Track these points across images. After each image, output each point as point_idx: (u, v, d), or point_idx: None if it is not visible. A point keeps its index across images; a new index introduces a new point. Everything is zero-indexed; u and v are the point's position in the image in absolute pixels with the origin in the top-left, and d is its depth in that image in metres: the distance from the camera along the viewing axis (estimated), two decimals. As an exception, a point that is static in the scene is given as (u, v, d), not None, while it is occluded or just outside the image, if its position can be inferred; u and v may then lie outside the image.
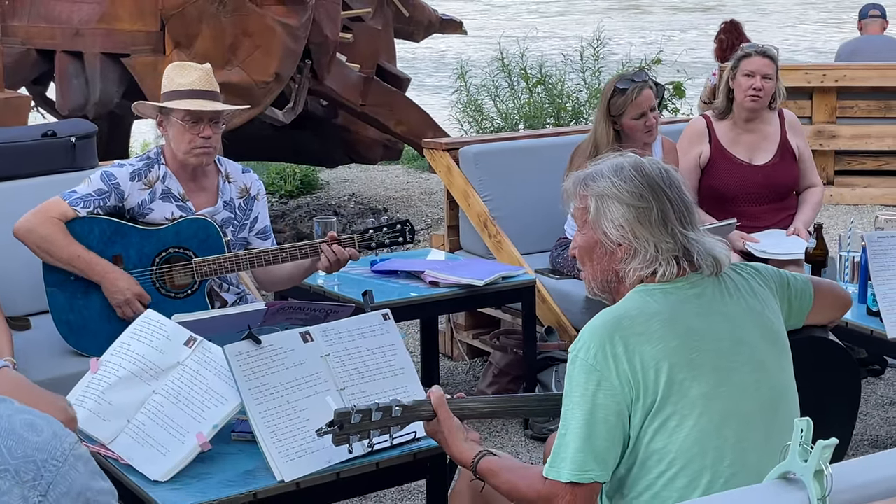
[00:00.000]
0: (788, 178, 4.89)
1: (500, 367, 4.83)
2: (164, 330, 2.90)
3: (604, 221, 2.35)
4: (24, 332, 3.99)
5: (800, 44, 20.50)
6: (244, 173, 3.91)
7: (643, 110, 4.55)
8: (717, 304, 2.35)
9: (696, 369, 2.25)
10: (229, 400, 2.73)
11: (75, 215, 3.68)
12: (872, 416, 4.61)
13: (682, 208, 2.36)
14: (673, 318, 2.29)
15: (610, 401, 2.24)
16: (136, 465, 2.69)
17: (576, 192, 2.42)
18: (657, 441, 2.25)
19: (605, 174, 2.38)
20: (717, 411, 2.26)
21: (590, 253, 2.41)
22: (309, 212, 8.06)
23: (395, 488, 3.90)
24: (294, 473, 2.64)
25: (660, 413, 2.24)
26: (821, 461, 1.70)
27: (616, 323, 2.27)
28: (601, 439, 2.24)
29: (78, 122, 4.70)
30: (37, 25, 6.48)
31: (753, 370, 2.33)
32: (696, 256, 2.34)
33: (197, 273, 3.71)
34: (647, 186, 2.34)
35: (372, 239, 3.76)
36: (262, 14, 6.14)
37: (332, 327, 2.92)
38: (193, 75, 3.70)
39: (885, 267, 3.73)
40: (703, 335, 2.30)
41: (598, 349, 2.25)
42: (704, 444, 2.24)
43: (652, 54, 10.18)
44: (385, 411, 2.51)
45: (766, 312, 2.42)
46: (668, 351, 2.24)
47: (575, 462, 2.24)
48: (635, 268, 2.34)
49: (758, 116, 4.87)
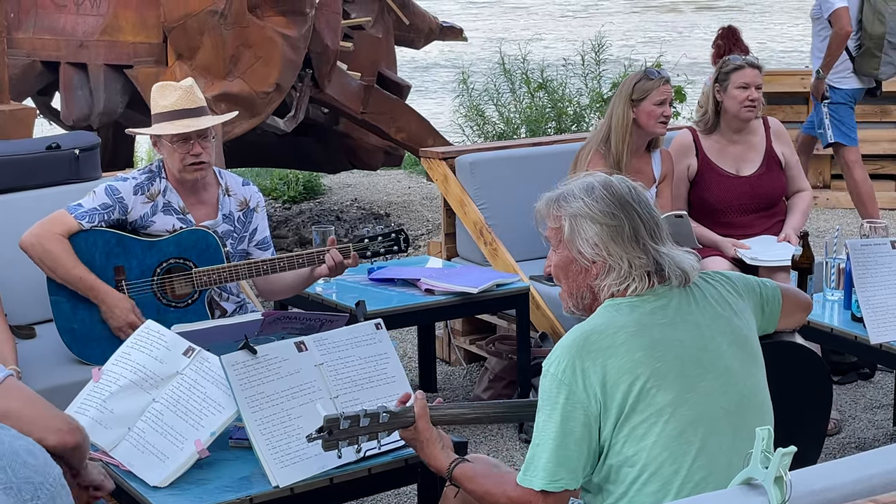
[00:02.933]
0: (775, 187, 4.95)
1: (495, 372, 4.92)
2: (163, 340, 2.97)
3: (578, 241, 2.43)
4: (29, 340, 4.07)
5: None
6: (244, 186, 3.99)
7: (664, 98, 4.70)
8: (682, 313, 2.43)
9: (661, 378, 2.33)
10: (226, 408, 2.81)
11: (80, 228, 3.77)
12: (860, 419, 4.68)
13: (651, 224, 2.44)
14: (638, 330, 2.37)
15: (578, 413, 2.32)
16: (136, 472, 2.77)
17: (549, 212, 2.50)
18: (627, 449, 2.33)
19: (576, 195, 2.46)
20: (683, 417, 2.33)
21: (565, 271, 2.49)
22: (312, 217, 8.14)
23: (391, 492, 3.98)
24: (289, 479, 2.72)
25: (628, 422, 2.32)
26: (780, 468, 1.78)
27: (584, 339, 2.36)
28: (571, 450, 2.33)
29: (81, 135, 4.77)
30: (42, 38, 6.57)
31: (719, 376, 2.40)
32: (667, 270, 2.42)
33: (197, 283, 3.79)
34: (618, 205, 2.43)
35: (367, 248, 3.84)
36: (263, 26, 6.23)
37: (326, 337, 3.00)
38: (174, 95, 3.76)
39: (869, 274, 3.80)
40: (668, 345, 2.37)
41: (567, 364, 2.34)
42: (673, 449, 2.32)
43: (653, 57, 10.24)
44: (373, 417, 2.59)
45: (735, 319, 2.49)
46: (633, 362, 2.33)
47: (546, 471, 2.33)
48: (609, 284, 2.42)
49: (746, 126, 4.94)
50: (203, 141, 3.76)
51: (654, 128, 4.74)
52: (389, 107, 7.33)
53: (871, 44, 6.86)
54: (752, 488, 1.82)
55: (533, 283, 4.88)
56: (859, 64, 6.93)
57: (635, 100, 4.71)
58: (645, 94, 4.70)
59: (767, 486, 1.78)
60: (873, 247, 3.86)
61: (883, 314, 3.75)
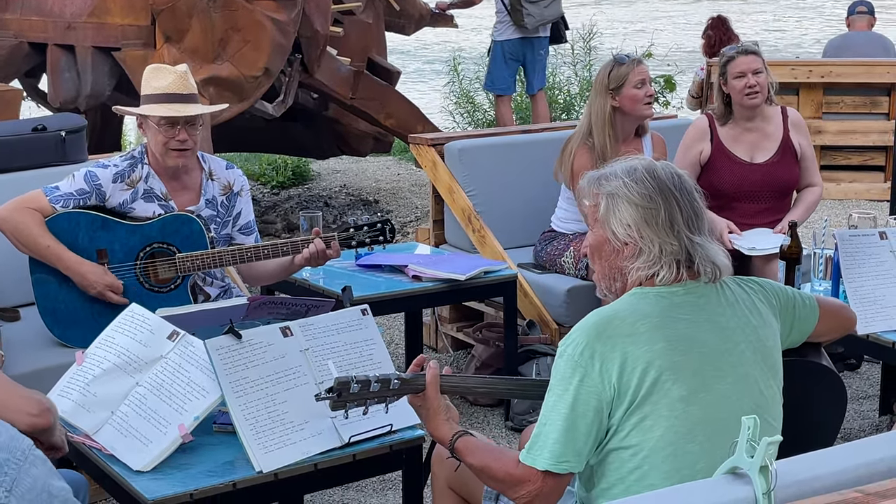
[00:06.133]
0: (788, 176, 4.92)
1: (482, 359, 4.91)
2: (147, 324, 2.96)
3: (612, 220, 2.41)
4: (13, 323, 4.06)
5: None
6: (228, 169, 3.96)
7: (643, 78, 4.68)
8: (709, 313, 2.39)
9: (677, 372, 2.30)
10: (210, 393, 2.79)
11: (53, 212, 3.75)
12: (847, 410, 4.68)
13: (690, 213, 2.41)
14: (662, 321, 2.34)
15: (591, 396, 2.30)
16: (118, 456, 2.75)
17: (589, 190, 2.48)
18: (632, 437, 2.31)
19: (618, 174, 2.44)
20: (694, 415, 2.31)
21: (599, 251, 2.47)
22: (300, 203, 8.12)
23: (377, 478, 3.97)
24: (273, 464, 2.71)
25: (638, 411, 2.30)
26: (766, 457, 1.77)
27: (606, 323, 2.34)
28: (580, 432, 2.30)
29: (68, 117, 4.75)
30: (29, 19, 6.53)
31: (738, 381, 2.37)
32: (698, 262, 2.39)
33: (180, 268, 3.77)
34: (657, 189, 2.40)
35: (352, 238, 3.82)
36: (252, 9, 6.20)
37: (312, 322, 2.98)
38: (168, 78, 3.74)
39: (857, 265, 3.80)
40: (690, 341, 2.34)
41: (585, 346, 2.31)
42: (678, 446, 2.30)
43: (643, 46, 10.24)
44: (384, 383, 2.56)
45: (762, 330, 2.45)
46: (652, 353, 2.30)
47: (553, 452, 2.31)
48: (639, 266, 2.39)
49: (759, 114, 4.91)
50: (190, 128, 3.74)
51: (642, 111, 4.73)
52: (379, 93, 7.31)
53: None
54: (737, 477, 1.80)
55: (521, 271, 4.87)
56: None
57: (614, 89, 4.69)
58: (622, 80, 4.68)
59: (753, 476, 1.77)
60: (861, 237, 3.86)
61: (870, 305, 3.75)
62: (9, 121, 5.02)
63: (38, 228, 3.73)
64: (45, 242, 3.72)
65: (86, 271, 3.74)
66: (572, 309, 4.60)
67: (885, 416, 4.58)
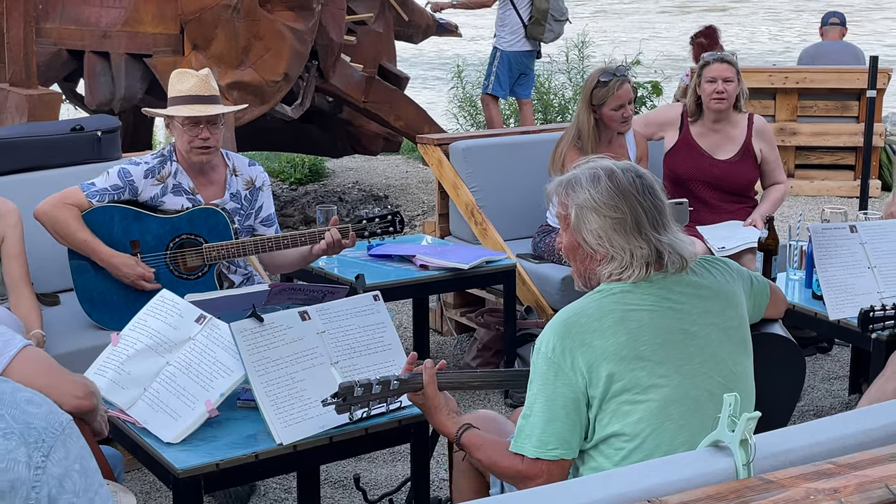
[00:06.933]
0: (744, 177, 4.94)
1: (483, 342, 4.91)
2: (177, 308, 2.96)
3: (584, 230, 2.39)
4: (53, 307, 4.07)
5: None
6: (250, 166, 3.96)
7: (622, 102, 4.64)
8: (672, 301, 2.38)
9: (644, 360, 2.30)
10: (235, 371, 2.80)
11: (90, 206, 3.75)
12: (819, 389, 4.69)
13: (654, 213, 2.38)
14: (625, 314, 2.33)
15: (567, 389, 2.30)
16: (151, 429, 2.76)
17: (557, 196, 2.46)
18: (613, 425, 2.30)
19: (583, 185, 2.40)
20: (667, 396, 2.30)
21: (573, 253, 2.46)
22: (316, 198, 8.11)
23: (386, 450, 3.98)
24: (292, 437, 2.72)
25: (613, 399, 2.29)
26: (746, 431, 1.78)
27: (573, 321, 2.33)
28: (560, 422, 2.30)
29: (103, 118, 4.75)
30: (67, 28, 6.53)
31: (706, 361, 2.36)
32: (666, 258, 2.37)
33: (207, 257, 3.77)
34: (622, 196, 2.37)
35: (365, 228, 3.81)
36: (273, 19, 6.19)
37: (328, 307, 2.98)
38: (191, 81, 3.74)
39: (829, 256, 3.79)
40: (655, 329, 2.33)
41: (557, 343, 2.31)
42: (656, 426, 2.30)
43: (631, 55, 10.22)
44: (384, 385, 2.57)
45: (728, 310, 2.43)
46: (617, 345, 2.29)
47: (540, 441, 2.31)
48: (611, 270, 2.38)
49: (724, 118, 4.92)
50: (212, 127, 3.73)
51: (618, 128, 4.74)
52: (389, 96, 7.30)
53: (539, 16, 8.44)
54: (719, 450, 1.80)
55: (519, 261, 4.87)
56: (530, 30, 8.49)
57: (595, 105, 4.68)
58: (601, 100, 4.66)
59: (734, 448, 1.77)
60: (833, 230, 3.84)
61: (841, 293, 3.74)
62: (49, 121, 5.02)
63: (76, 223, 3.73)
64: (82, 237, 3.73)
65: (118, 263, 3.74)
66: (566, 296, 4.60)
67: (854, 394, 4.58)
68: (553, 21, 8.54)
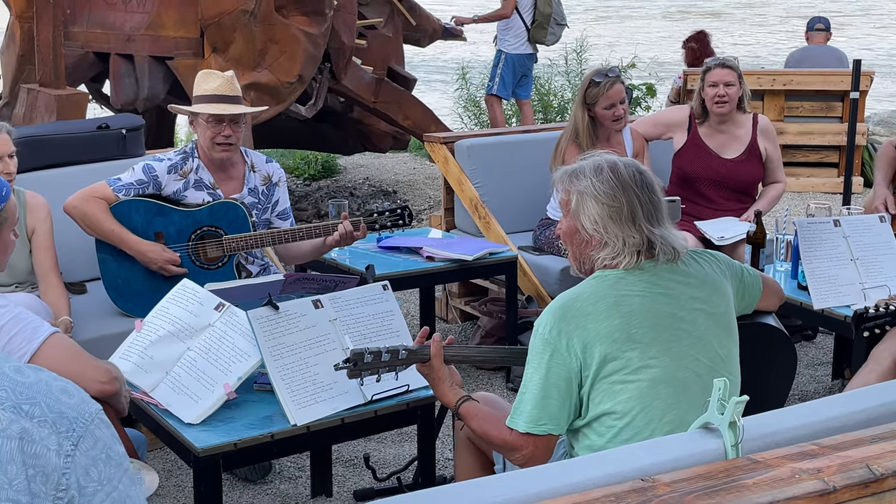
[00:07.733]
0: (751, 175, 4.90)
1: (486, 329, 4.91)
2: (197, 296, 2.97)
3: (582, 216, 2.41)
4: (80, 295, 4.08)
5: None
6: (267, 163, 3.97)
7: (613, 102, 4.63)
8: (663, 287, 2.39)
9: (635, 342, 2.31)
10: (251, 356, 2.81)
11: (116, 199, 3.75)
12: (803, 375, 4.68)
13: (650, 207, 2.40)
14: (618, 300, 2.34)
15: (561, 369, 2.31)
16: (172, 410, 2.77)
17: (562, 183, 2.49)
18: (605, 404, 2.32)
19: (586, 174, 2.43)
20: (656, 377, 2.32)
21: (570, 238, 2.47)
22: (329, 193, 8.11)
23: (395, 431, 3.98)
24: (305, 418, 2.73)
25: (605, 379, 2.31)
26: (734, 414, 1.78)
27: (570, 305, 2.34)
28: (553, 399, 2.32)
29: (128, 117, 4.76)
30: (94, 31, 6.53)
31: (693, 344, 2.37)
32: (658, 248, 2.39)
33: (227, 248, 3.78)
34: (621, 188, 2.39)
35: (376, 221, 3.82)
36: (288, 24, 6.18)
37: (340, 296, 2.99)
38: (217, 82, 3.74)
39: (814, 248, 3.79)
40: (645, 313, 2.35)
41: (553, 326, 2.32)
42: (645, 404, 2.31)
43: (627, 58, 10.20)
44: (393, 353, 2.57)
45: (715, 298, 2.45)
46: (610, 328, 2.31)
47: (531, 416, 2.33)
48: (604, 256, 2.40)
49: (729, 119, 4.89)
50: (234, 126, 3.74)
51: (611, 126, 4.71)
52: (398, 97, 7.29)
53: (542, 19, 8.51)
54: (709, 431, 1.81)
55: (521, 253, 4.86)
56: (533, 34, 8.53)
57: (589, 104, 4.67)
58: (594, 100, 4.65)
59: (723, 430, 1.77)
60: (818, 224, 3.85)
61: (825, 283, 3.74)
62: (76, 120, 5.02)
63: (104, 215, 3.73)
64: (110, 227, 3.73)
65: (146, 250, 3.75)
66: (565, 286, 4.53)
67: (837, 380, 4.58)
68: (555, 25, 8.59)
